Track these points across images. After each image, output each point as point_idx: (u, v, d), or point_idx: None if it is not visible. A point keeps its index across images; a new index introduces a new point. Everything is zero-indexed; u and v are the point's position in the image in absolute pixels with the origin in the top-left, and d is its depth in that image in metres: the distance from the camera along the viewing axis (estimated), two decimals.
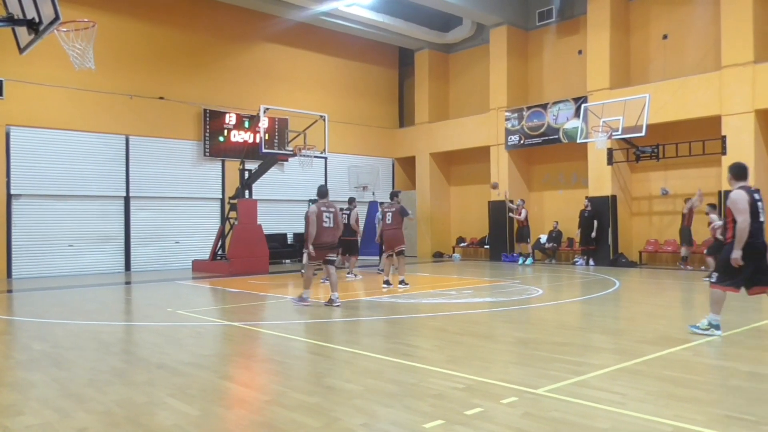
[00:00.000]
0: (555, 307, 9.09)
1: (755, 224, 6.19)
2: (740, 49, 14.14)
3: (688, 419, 3.71)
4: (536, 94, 19.57)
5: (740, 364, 5.20)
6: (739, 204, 6.19)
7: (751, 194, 6.29)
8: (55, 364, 5.49)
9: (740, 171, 6.50)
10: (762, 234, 6.25)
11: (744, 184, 6.43)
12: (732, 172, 6.55)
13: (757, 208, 6.25)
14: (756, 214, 6.21)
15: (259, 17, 18.86)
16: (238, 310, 9.14)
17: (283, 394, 4.44)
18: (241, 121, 18.22)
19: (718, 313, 6.37)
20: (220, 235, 16.68)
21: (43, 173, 15.01)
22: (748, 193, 6.27)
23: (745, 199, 6.18)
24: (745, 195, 6.24)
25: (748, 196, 6.24)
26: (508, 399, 4.16)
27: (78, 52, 7.48)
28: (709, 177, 15.46)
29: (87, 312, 8.94)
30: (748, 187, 6.39)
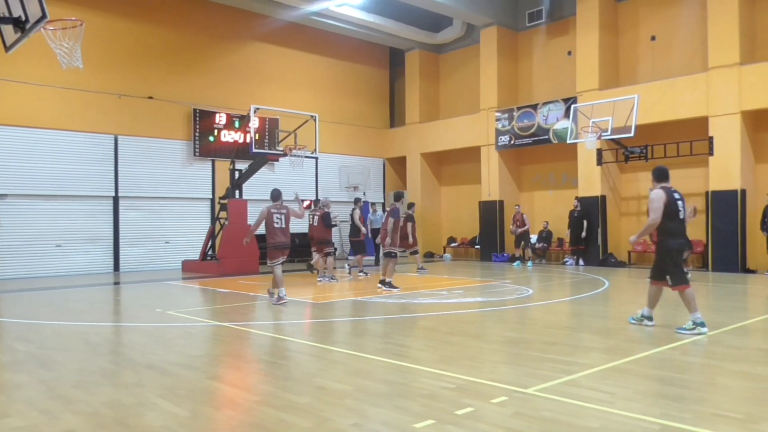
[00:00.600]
0: (545, 306, 9.13)
1: (675, 223, 6.58)
2: (726, 51, 14.29)
3: (676, 417, 3.74)
4: (526, 94, 19.65)
5: (727, 363, 5.25)
6: (654, 203, 6.56)
7: (671, 194, 6.61)
8: (42, 366, 5.44)
9: (661, 173, 6.86)
10: (683, 232, 6.67)
11: (665, 184, 6.75)
12: (654, 175, 6.92)
13: (677, 207, 6.59)
14: (676, 213, 6.56)
15: (249, 17, 18.80)
16: (228, 310, 9.10)
17: (273, 395, 4.43)
18: (232, 120, 18.15)
19: (697, 310, 6.59)
20: (210, 236, 16.60)
21: (30, 173, 14.86)
22: (667, 193, 6.59)
23: (661, 198, 6.54)
24: (663, 195, 6.58)
25: (666, 196, 6.57)
26: (498, 399, 4.17)
27: (65, 51, 7.41)
28: (696, 177, 15.60)
29: (75, 313, 8.87)
30: (669, 187, 6.70)
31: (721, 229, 14.36)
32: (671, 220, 6.57)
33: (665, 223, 6.56)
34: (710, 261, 14.67)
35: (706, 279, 13.11)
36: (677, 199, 6.61)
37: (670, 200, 6.56)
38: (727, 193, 14.30)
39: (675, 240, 6.63)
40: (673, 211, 6.55)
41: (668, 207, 6.54)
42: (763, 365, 5.17)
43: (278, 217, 9.36)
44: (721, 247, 14.39)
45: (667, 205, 6.53)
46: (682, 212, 6.62)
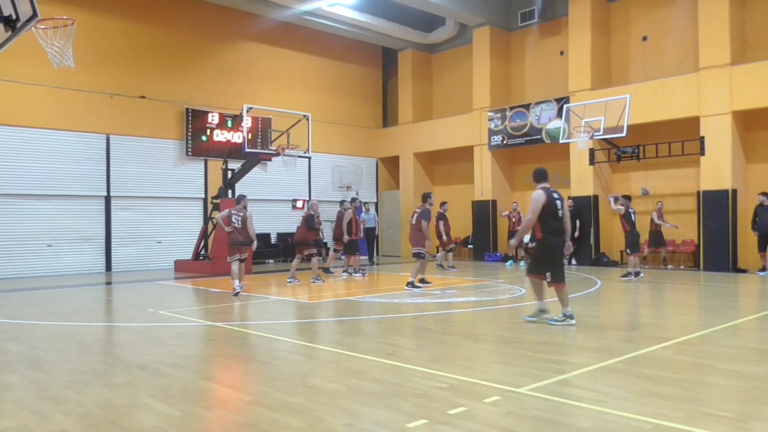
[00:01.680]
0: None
1: (555, 222, 6.91)
2: (717, 52, 14.38)
3: (668, 416, 3.76)
4: (519, 94, 19.70)
5: (718, 362, 5.29)
6: (533, 204, 6.93)
7: (550, 194, 6.94)
8: (33, 366, 5.40)
9: (540, 174, 7.24)
10: (562, 231, 6.95)
11: (545, 185, 7.10)
12: (534, 176, 7.30)
13: (556, 206, 6.93)
14: (555, 212, 6.90)
15: (242, 16, 18.74)
16: (220, 310, 9.08)
17: (265, 395, 4.42)
18: (224, 120, 18.09)
19: (568, 305, 7.06)
20: (202, 235, 16.53)
21: (21, 172, 14.75)
22: (546, 194, 6.92)
23: (541, 199, 6.87)
24: (543, 195, 6.91)
25: (546, 196, 6.89)
26: (491, 398, 4.18)
27: (57, 50, 7.37)
28: (687, 177, 15.70)
29: (66, 313, 8.81)
30: (548, 188, 7.03)
31: (713, 229, 14.45)
32: (552, 219, 6.90)
33: (547, 222, 6.89)
34: (701, 260, 14.77)
35: (697, 278, 13.20)
36: (556, 199, 6.95)
37: (550, 200, 6.88)
38: (718, 192, 14.39)
39: (556, 238, 6.95)
40: (552, 210, 6.89)
41: (548, 207, 6.84)
42: (754, 364, 5.21)
43: (236, 218, 10.46)
44: (713, 246, 14.49)
45: (546, 205, 6.84)
46: (561, 211, 6.97)
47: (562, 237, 7.00)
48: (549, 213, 6.86)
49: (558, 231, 6.94)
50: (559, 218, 6.95)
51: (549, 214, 6.87)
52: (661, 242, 15.19)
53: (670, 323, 7.70)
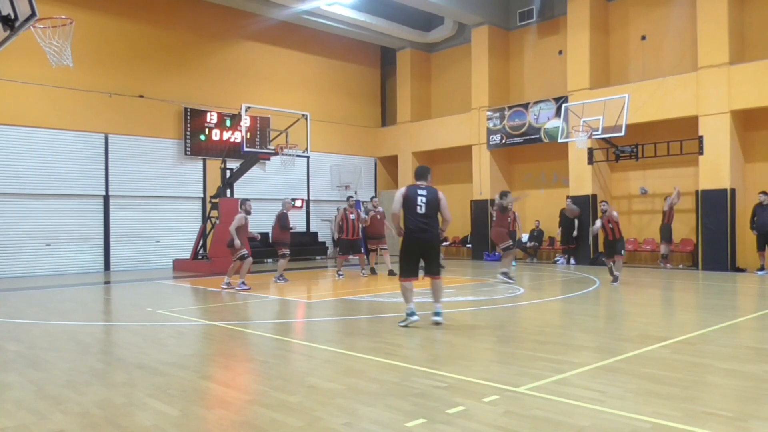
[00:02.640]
0: (536, 305, 9.16)
1: (411, 216, 6.96)
2: (716, 51, 14.40)
3: (667, 416, 3.76)
4: (517, 93, 19.71)
5: (717, 361, 5.30)
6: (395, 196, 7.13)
7: (411, 190, 7.02)
8: (32, 365, 5.40)
9: (417, 172, 7.31)
10: (417, 225, 6.94)
11: (419, 183, 7.15)
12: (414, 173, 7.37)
13: (416, 201, 6.95)
14: (414, 207, 6.94)
15: (240, 15, 18.72)
16: (219, 309, 9.07)
17: (264, 394, 4.42)
18: (223, 119, 18.08)
19: (410, 302, 7.07)
20: (201, 235, 16.53)
21: (19, 172, 14.74)
22: (408, 189, 7.03)
23: (400, 194, 7.03)
24: (404, 190, 7.06)
25: (406, 190, 7.02)
26: (489, 397, 4.18)
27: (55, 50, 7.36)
28: (686, 176, 15.71)
29: (65, 312, 8.81)
30: (416, 185, 7.10)
31: (711, 228, 14.47)
32: (411, 214, 6.97)
33: (406, 217, 7.00)
34: (700, 260, 14.79)
35: (695, 277, 13.22)
36: (419, 195, 6.97)
37: (409, 194, 6.96)
38: (716, 192, 14.41)
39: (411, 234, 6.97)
40: (410, 205, 6.94)
41: (406, 202, 6.95)
42: (752, 364, 5.21)
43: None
44: (711, 245, 14.51)
45: (405, 199, 6.95)
46: (421, 207, 6.94)
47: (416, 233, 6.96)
48: (407, 208, 6.95)
49: (412, 226, 6.96)
50: (417, 214, 6.94)
51: (407, 209, 6.96)
52: (670, 238, 15.14)
53: (669, 322, 7.71)
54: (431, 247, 7.04)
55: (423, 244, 6.98)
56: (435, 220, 7.07)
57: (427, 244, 6.99)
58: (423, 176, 7.17)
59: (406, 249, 7.02)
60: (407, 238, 6.97)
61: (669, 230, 14.99)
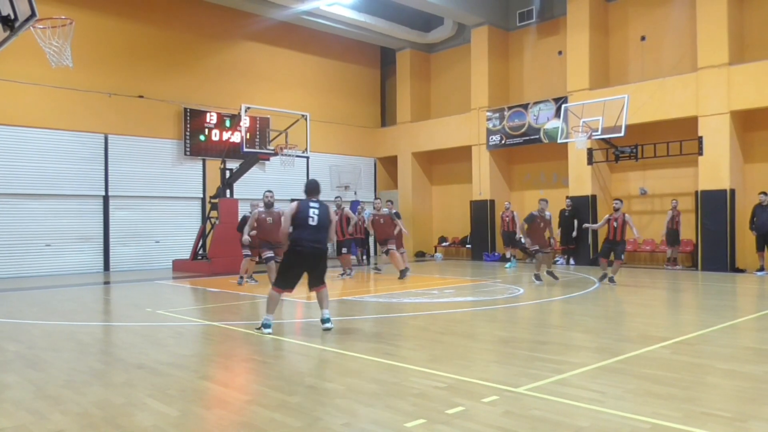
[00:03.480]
0: (536, 306, 9.16)
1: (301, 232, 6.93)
2: (715, 52, 14.41)
3: (666, 416, 3.76)
4: (517, 94, 19.71)
5: (716, 362, 5.30)
6: (284, 214, 7.17)
7: (303, 204, 7.09)
8: (31, 365, 5.40)
9: (309, 187, 7.27)
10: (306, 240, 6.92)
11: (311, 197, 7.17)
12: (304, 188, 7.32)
13: (307, 214, 6.99)
14: (304, 222, 6.96)
15: (240, 16, 18.73)
16: (218, 309, 9.07)
17: (263, 394, 4.42)
18: (222, 120, 18.08)
19: (272, 313, 6.95)
20: (200, 235, 16.52)
21: (19, 172, 14.74)
22: (300, 204, 7.10)
23: (291, 209, 7.10)
24: (296, 205, 7.12)
25: (298, 206, 7.08)
26: (489, 398, 4.18)
27: (55, 50, 7.36)
28: (686, 177, 15.73)
29: (64, 312, 8.80)
30: (308, 200, 7.14)
31: (711, 229, 14.48)
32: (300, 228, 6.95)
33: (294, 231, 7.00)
34: (699, 260, 14.79)
35: (695, 278, 13.22)
36: (310, 207, 7.04)
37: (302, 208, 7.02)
38: (716, 192, 14.42)
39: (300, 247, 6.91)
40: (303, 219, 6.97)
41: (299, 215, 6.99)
42: (751, 364, 5.21)
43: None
44: (711, 246, 14.51)
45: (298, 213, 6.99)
46: (313, 219, 6.98)
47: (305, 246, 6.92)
48: (300, 222, 6.98)
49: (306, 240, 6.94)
50: (310, 227, 6.96)
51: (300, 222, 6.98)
52: (677, 241, 15.22)
53: (668, 323, 7.71)
54: (321, 261, 7.07)
55: (314, 257, 7.00)
56: (326, 234, 7.14)
57: (318, 258, 7.02)
58: (315, 191, 7.25)
59: (293, 261, 6.98)
60: (296, 251, 6.94)
61: (676, 234, 15.10)
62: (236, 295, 10.74)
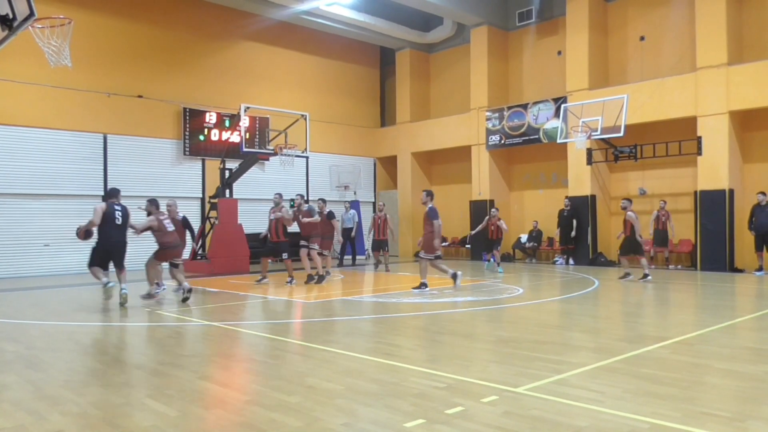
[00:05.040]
0: (535, 306, 9.17)
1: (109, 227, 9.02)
2: (714, 52, 14.42)
3: (665, 416, 3.76)
4: (516, 94, 19.72)
5: (715, 362, 5.30)
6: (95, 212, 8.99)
7: (110, 206, 9.11)
8: (30, 366, 5.39)
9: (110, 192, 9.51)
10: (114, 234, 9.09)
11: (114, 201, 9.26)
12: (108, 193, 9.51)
13: (113, 216, 9.04)
14: (112, 220, 9.03)
15: (239, 15, 18.72)
16: (218, 309, 9.07)
17: (263, 394, 4.41)
18: (222, 119, 18.07)
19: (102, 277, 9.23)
20: (200, 235, 16.50)
21: (19, 172, 14.71)
22: (108, 205, 9.12)
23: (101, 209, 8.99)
24: (104, 206, 9.09)
25: (106, 207, 9.08)
26: (488, 398, 4.18)
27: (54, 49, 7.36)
28: (685, 177, 15.74)
29: (63, 312, 8.80)
30: (112, 202, 9.22)
31: (709, 229, 14.49)
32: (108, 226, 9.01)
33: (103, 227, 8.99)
34: (698, 260, 14.80)
35: (694, 278, 13.23)
36: (115, 210, 9.11)
37: (108, 210, 9.04)
38: (715, 192, 14.43)
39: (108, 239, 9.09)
40: (110, 219, 9.01)
41: (106, 215, 8.98)
42: (751, 364, 5.22)
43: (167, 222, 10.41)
44: (710, 246, 14.52)
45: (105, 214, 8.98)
46: (118, 220, 9.07)
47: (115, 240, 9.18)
48: (107, 220, 8.98)
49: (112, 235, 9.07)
50: (116, 225, 9.05)
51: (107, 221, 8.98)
52: (665, 242, 15.25)
53: (668, 323, 7.71)
54: (122, 251, 9.31)
55: (117, 248, 9.22)
56: (125, 230, 9.26)
57: (121, 249, 9.27)
58: (116, 195, 9.37)
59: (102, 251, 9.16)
60: (105, 243, 9.07)
61: (665, 235, 15.13)
62: (236, 295, 10.74)
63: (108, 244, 9.12)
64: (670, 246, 15.47)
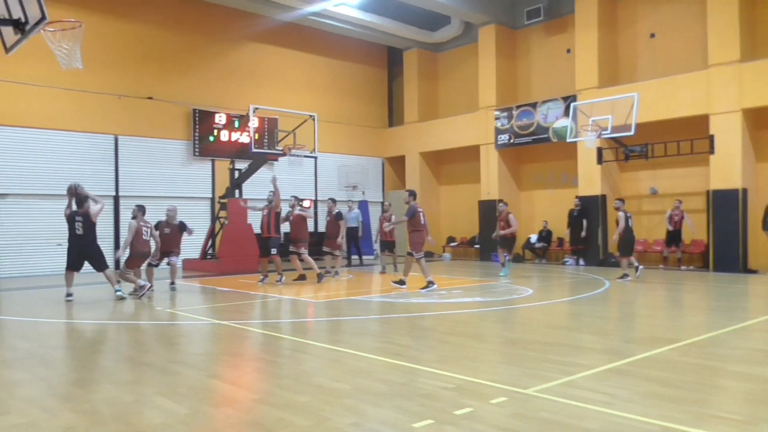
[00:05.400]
0: (544, 307, 9.13)
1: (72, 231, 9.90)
2: (726, 48, 14.26)
3: (675, 419, 3.74)
4: (525, 93, 19.64)
5: (727, 364, 5.26)
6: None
7: (71, 214, 9.85)
8: (42, 363, 5.44)
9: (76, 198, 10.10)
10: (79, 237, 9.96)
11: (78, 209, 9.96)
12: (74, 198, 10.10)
13: (74, 222, 9.81)
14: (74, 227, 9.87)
15: (247, 17, 18.79)
16: (227, 308, 9.11)
17: (272, 393, 4.43)
18: (231, 120, 18.14)
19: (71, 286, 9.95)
20: (210, 235, 16.60)
21: (31, 173, 14.86)
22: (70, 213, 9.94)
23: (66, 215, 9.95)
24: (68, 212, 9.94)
25: (69, 213, 9.92)
26: (497, 399, 4.17)
27: (65, 52, 7.41)
28: (697, 176, 15.59)
29: (75, 311, 8.87)
30: (75, 211, 9.91)
31: (722, 229, 14.34)
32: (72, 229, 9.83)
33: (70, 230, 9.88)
34: (711, 261, 14.66)
35: (706, 279, 13.12)
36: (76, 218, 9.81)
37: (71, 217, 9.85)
38: (728, 192, 14.29)
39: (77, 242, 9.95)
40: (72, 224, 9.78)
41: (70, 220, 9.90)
42: (763, 366, 5.17)
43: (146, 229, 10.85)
44: (722, 246, 14.38)
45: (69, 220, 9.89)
46: (78, 226, 9.77)
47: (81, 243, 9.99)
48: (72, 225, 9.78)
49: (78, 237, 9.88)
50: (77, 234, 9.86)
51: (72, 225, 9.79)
52: (678, 242, 15.12)
53: (679, 325, 7.66)
54: (91, 251, 10.00)
55: (84, 250, 9.93)
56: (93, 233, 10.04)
57: (88, 249, 9.96)
58: (81, 204, 9.99)
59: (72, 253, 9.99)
60: (74, 245, 9.94)
61: (678, 234, 15.03)
62: (245, 294, 10.78)
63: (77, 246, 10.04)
64: (682, 246, 15.35)
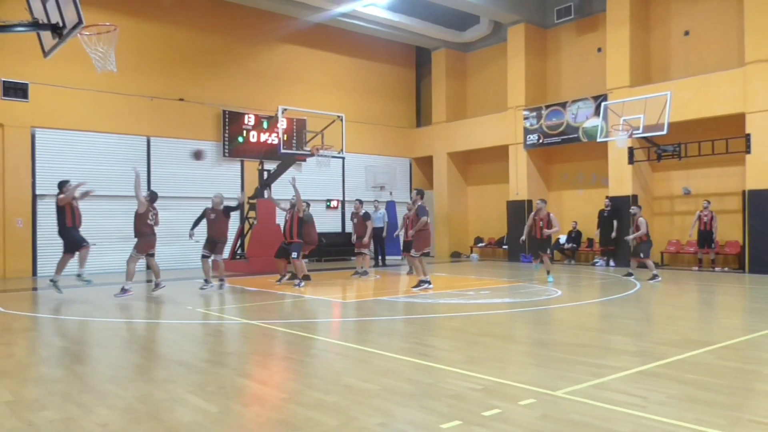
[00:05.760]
0: (574, 308, 9.01)
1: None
2: (764, 45, 13.86)
3: (710, 423, 3.65)
4: (555, 92, 19.41)
5: (764, 368, 5.11)
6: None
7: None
8: (78, 361, 5.59)
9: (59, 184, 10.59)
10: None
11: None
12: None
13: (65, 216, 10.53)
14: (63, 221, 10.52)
15: (276, 19, 18.98)
16: (256, 308, 9.21)
17: (300, 393, 4.47)
18: (260, 121, 18.35)
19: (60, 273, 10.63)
20: (239, 235, 16.81)
21: (66, 174, 15.19)
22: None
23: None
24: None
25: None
26: (526, 401, 4.13)
27: (100, 55, 7.60)
28: (732, 176, 15.20)
29: (109, 310, 9.08)
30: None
31: (758, 230, 13.96)
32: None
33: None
34: (747, 262, 14.28)
35: (742, 281, 12.77)
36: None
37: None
38: (764, 192, 13.89)
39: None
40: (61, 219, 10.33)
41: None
42: None
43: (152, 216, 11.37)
44: (758, 247, 13.99)
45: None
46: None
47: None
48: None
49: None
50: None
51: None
52: (710, 243, 14.78)
53: (714, 327, 7.48)
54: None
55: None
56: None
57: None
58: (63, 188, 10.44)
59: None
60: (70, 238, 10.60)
61: (709, 235, 14.67)
62: (274, 294, 10.89)
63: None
64: (716, 247, 14.97)
